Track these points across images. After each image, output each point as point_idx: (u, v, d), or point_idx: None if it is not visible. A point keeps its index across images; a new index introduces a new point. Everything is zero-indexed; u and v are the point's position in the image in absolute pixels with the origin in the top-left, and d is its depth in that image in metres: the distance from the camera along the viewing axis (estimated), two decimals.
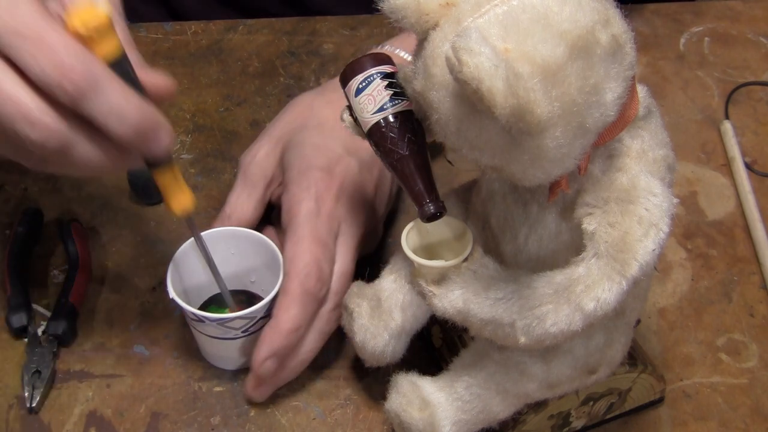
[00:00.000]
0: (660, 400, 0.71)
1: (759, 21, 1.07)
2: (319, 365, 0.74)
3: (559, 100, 0.46)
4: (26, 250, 0.80)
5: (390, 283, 0.67)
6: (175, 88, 0.59)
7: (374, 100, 0.57)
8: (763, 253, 0.82)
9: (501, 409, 0.63)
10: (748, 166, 0.90)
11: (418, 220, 0.57)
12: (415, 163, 0.56)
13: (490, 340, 0.57)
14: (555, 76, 0.46)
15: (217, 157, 0.91)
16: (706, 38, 1.05)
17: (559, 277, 0.53)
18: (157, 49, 1.01)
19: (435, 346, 0.73)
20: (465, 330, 0.58)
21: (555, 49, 0.46)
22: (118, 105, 0.52)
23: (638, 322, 0.72)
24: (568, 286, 0.53)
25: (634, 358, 0.67)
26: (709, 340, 0.77)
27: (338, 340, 0.74)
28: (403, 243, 0.60)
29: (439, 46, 0.49)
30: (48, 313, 0.76)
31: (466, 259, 0.58)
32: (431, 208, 0.55)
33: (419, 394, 0.63)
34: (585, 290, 0.52)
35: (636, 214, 0.52)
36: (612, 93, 0.49)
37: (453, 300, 0.57)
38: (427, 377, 0.64)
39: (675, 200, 0.53)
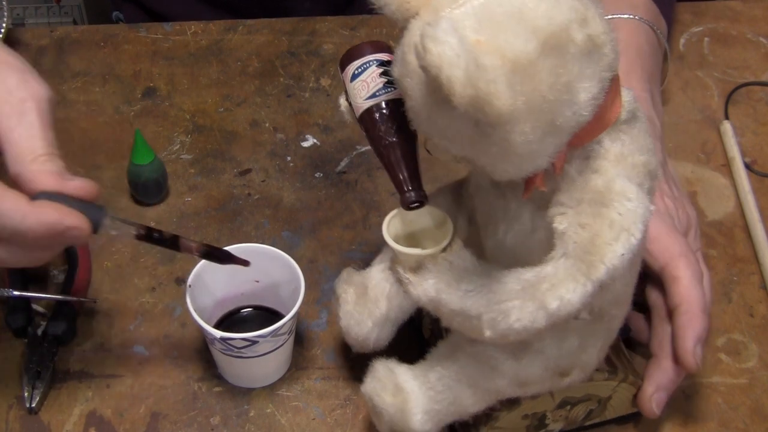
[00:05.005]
0: (639, 415, 0.70)
1: (759, 21, 1.07)
2: (319, 365, 0.74)
3: (527, 95, 0.46)
4: None
5: (378, 273, 0.67)
6: (96, 190, 0.63)
7: (367, 86, 0.57)
8: (762, 253, 0.82)
9: (472, 403, 0.63)
10: (748, 166, 0.90)
11: (401, 208, 0.58)
12: (402, 151, 0.56)
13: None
14: (525, 71, 0.45)
15: (217, 157, 0.91)
16: (706, 38, 1.05)
17: (528, 274, 0.53)
18: (157, 49, 1.01)
19: (425, 336, 0.73)
20: None
21: (527, 44, 0.46)
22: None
23: (628, 330, 0.72)
24: (534, 284, 0.53)
25: (615, 366, 0.66)
26: (709, 340, 0.76)
27: (338, 340, 0.75)
28: (384, 229, 0.61)
29: (416, 34, 0.49)
30: (48, 313, 0.76)
31: (444, 250, 0.58)
32: (412, 196, 0.56)
33: (394, 381, 0.63)
34: (550, 289, 0.52)
35: (608, 217, 0.51)
36: (586, 93, 0.49)
37: (426, 288, 0.57)
38: (405, 365, 0.65)
39: (651, 207, 0.52)
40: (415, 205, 0.56)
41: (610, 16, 0.84)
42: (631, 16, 0.85)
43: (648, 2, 0.87)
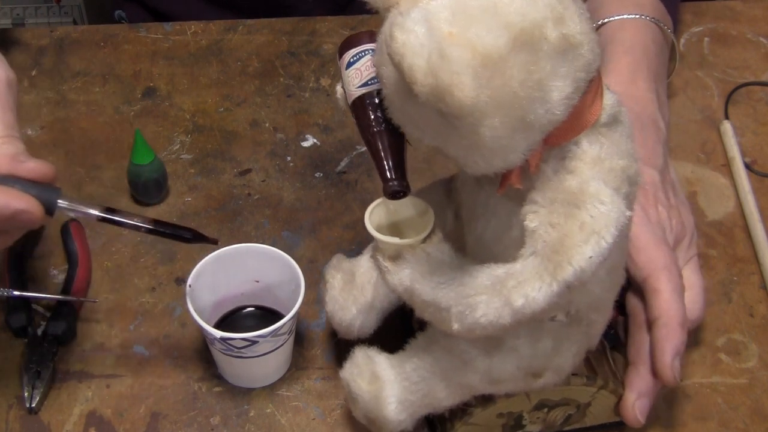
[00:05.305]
0: (623, 424, 0.69)
1: (759, 21, 1.07)
2: (318, 365, 0.74)
3: (496, 90, 0.46)
4: (26, 250, 0.80)
5: (367, 261, 0.68)
6: (52, 171, 0.63)
7: (361, 74, 0.57)
8: (762, 253, 0.82)
9: (445, 396, 0.63)
10: (748, 166, 0.90)
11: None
12: (389, 141, 0.56)
13: None
14: (495, 66, 0.45)
15: (216, 157, 0.91)
16: (706, 38, 1.05)
17: (499, 270, 0.53)
18: (157, 49, 1.01)
19: (413, 328, 0.73)
20: None
21: (497, 39, 0.46)
22: None
23: (618, 339, 0.71)
24: (503, 280, 0.53)
25: (595, 372, 0.66)
26: (709, 341, 0.77)
27: (337, 341, 0.75)
28: (366, 217, 0.61)
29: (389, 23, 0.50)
30: (48, 313, 0.76)
31: (424, 241, 0.59)
32: (395, 185, 0.56)
33: (371, 368, 0.64)
34: (516, 286, 0.52)
35: (579, 219, 0.51)
36: (559, 92, 0.49)
37: (402, 277, 0.58)
38: (384, 354, 0.65)
39: (627, 213, 0.52)
40: (398, 194, 0.56)
41: (615, 17, 0.84)
42: (637, 16, 0.84)
43: (654, 1, 0.87)
